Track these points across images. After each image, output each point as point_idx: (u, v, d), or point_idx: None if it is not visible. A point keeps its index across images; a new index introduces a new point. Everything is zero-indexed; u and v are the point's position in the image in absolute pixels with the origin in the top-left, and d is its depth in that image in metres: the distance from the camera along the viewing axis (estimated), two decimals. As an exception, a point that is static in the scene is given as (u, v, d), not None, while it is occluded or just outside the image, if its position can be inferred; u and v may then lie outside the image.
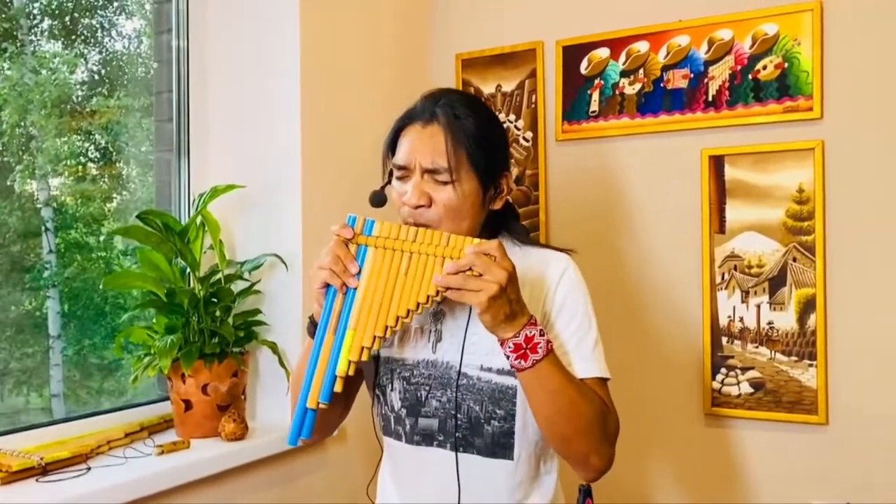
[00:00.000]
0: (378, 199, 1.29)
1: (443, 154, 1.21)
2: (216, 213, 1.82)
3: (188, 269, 1.78)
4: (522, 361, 1.13)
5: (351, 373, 1.12)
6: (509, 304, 1.11)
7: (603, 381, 1.25)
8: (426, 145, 1.22)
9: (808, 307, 1.91)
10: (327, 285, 1.16)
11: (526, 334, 1.13)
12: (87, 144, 1.90)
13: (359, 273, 1.14)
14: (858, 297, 1.87)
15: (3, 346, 1.70)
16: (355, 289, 1.14)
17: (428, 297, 1.12)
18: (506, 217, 1.35)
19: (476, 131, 1.24)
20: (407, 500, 1.32)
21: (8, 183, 1.70)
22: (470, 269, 1.10)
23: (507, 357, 1.14)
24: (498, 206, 1.30)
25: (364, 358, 1.13)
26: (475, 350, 1.25)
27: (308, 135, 1.90)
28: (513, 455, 1.25)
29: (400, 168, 1.25)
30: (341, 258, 1.14)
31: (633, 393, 2.09)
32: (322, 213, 1.91)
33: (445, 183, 1.22)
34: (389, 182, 1.29)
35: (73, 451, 1.52)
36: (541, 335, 1.14)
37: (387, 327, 1.13)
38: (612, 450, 1.23)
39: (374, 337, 1.12)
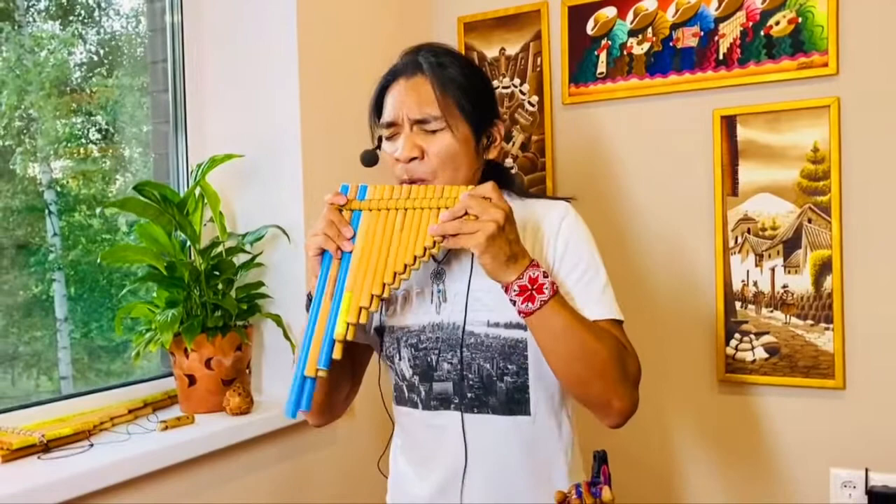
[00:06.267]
0: (369, 158, 1.26)
1: (431, 102, 1.20)
2: (215, 184, 1.79)
3: (188, 242, 1.74)
4: (530, 304, 1.11)
5: (350, 337, 1.08)
6: (509, 245, 1.09)
7: (617, 322, 1.22)
8: (412, 96, 1.22)
9: (823, 269, 1.86)
10: (322, 252, 1.14)
11: (530, 276, 1.11)
12: (87, 125, 1.88)
13: (353, 237, 1.12)
14: (876, 257, 1.83)
15: (12, 330, 1.69)
16: (350, 253, 1.12)
17: (424, 248, 1.10)
18: (502, 174, 1.33)
19: (461, 77, 1.23)
20: (418, 469, 1.31)
21: (10, 166, 1.68)
22: (466, 213, 1.09)
23: (514, 302, 1.12)
24: (493, 155, 1.29)
25: (363, 320, 1.09)
26: (480, 307, 1.22)
27: (307, 102, 1.87)
28: (529, 409, 1.23)
29: (389, 126, 1.24)
30: (335, 223, 1.13)
31: (644, 360, 2.01)
32: (324, 182, 1.86)
33: (436, 132, 1.21)
34: (379, 147, 1.27)
35: (75, 427, 1.50)
36: (544, 276, 1.12)
37: (384, 285, 1.10)
38: (636, 392, 1.20)
39: (372, 296, 1.09)
